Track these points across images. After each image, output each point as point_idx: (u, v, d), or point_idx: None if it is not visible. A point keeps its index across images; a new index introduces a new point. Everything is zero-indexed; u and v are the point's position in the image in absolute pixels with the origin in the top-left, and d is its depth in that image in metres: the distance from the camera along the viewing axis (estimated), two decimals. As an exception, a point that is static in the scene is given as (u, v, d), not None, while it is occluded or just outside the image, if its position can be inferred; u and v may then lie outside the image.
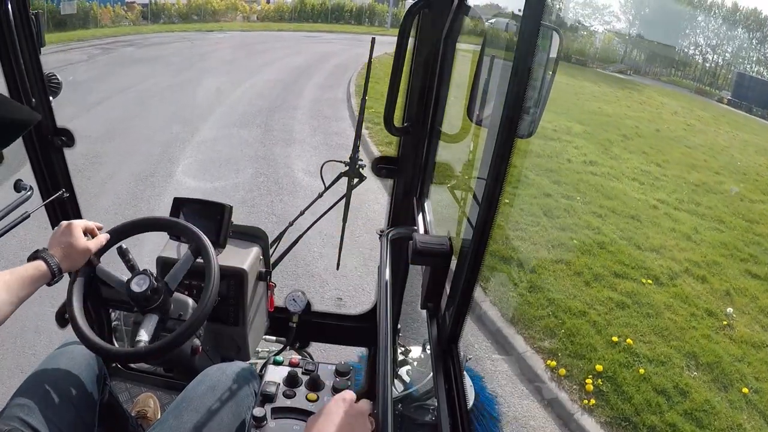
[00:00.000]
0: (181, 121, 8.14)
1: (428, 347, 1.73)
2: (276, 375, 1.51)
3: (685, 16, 26.20)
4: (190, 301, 1.51)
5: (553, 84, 0.98)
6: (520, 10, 0.78)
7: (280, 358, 1.64)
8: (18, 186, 1.67)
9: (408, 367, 2.25)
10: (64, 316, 1.83)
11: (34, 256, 1.32)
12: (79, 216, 2.01)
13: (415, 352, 2.30)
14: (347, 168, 1.88)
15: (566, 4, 28.72)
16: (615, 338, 3.71)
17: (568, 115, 11.39)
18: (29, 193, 1.69)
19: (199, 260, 1.46)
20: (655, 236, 5.79)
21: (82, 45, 16.32)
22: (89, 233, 1.44)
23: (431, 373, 1.79)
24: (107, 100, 9.28)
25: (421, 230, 1.57)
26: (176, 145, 7.03)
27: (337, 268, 2.24)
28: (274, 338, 2.15)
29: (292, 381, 1.48)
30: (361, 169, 1.85)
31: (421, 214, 1.67)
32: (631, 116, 13.30)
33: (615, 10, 30.08)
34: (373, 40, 1.69)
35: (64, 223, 1.41)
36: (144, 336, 1.34)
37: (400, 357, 2.27)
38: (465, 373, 1.44)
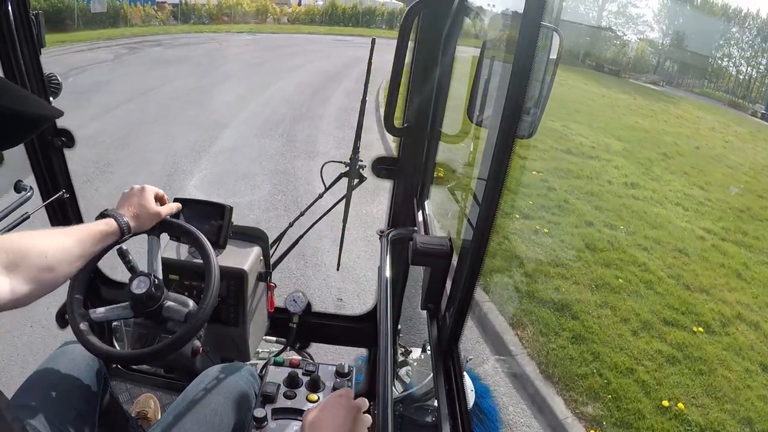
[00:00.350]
0: (201, 128, 7.84)
1: (428, 348, 1.73)
2: (276, 376, 1.51)
3: (719, 27, 25.73)
4: (191, 302, 1.51)
5: (553, 85, 0.97)
6: (520, 11, 0.78)
7: (280, 358, 1.64)
8: (18, 187, 1.68)
9: (408, 367, 2.25)
10: (64, 317, 1.83)
11: (103, 215, 1.31)
12: (79, 217, 2.01)
13: (416, 352, 2.30)
14: (347, 168, 1.88)
15: (600, 12, 28.46)
16: (665, 402, 3.32)
17: (606, 130, 11.13)
18: (29, 193, 1.69)
19: (199, 261, 1.46)
20: (703, 273, 5.31)
21: (109, 44, 16.10)
22: (159, 200, 1.44)
23: (431, 374, 1.79)
24: (128, 102, 9.00)
25: (422, 231, 1.57)
26: (192, 156, 6.66)
27: (338, 269, 2.24)
28: (274, 339, 2.15)
29: (292, 382, 1.48)
30: (361, 170, 1.85)
31: (421, 215, 1.67)
32: (669, 132, 12.95)
33: (649, 20, 29.45)
34: (373, 41, 1.69)
35: (136, 186, 1.41)
36: (93, 313, 1.36)
37: (401, 358, 2.28)
38: (465, 373, 1.44)
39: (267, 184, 5.82)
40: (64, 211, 1.94)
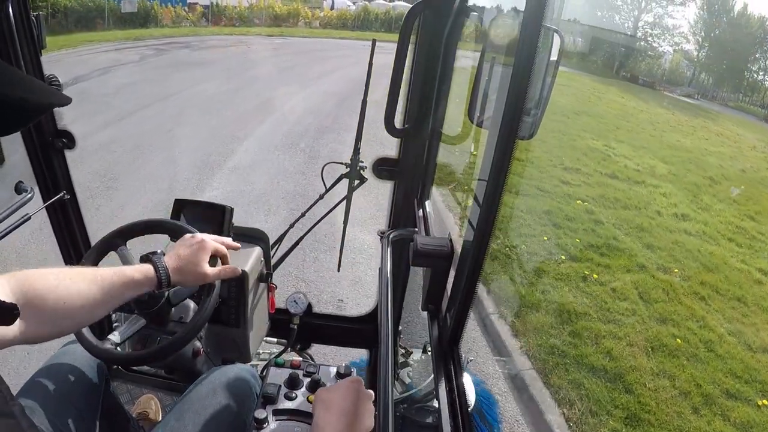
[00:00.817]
0: (218, 140, 7.35)
1: (429, 349, 1.73)
2: (277, 377, 1.51)
3: (756, 39, 25.13)
4: (192, 303, 1.51)
5: (553, 87, 0.97)
6: (521, 11, 0.78)
7: (281, 359, 1.64)
8: (19, 188, 1.68)
9: (409, 368, 2.25)
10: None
11: (146, 258, 1.23)
12: (80, 218, 2.01)
13: (416, 353, 2.30)
14: (348, 170, 1.88)
15: (636, 23, 28.02)
16: None
17: (648, 150, 10.58)
18: (30, 195, 1.69)
19: None
20: (764, 327, 4.71)
21: (137, 44, 15.92)
22: (221, 258, 1.34)
23: (432, 375, 1.79)
24: (146, 108, 8.65)
25: (422, 231, 1.57)
26: (205, 172, 6.13)
27: (338, 270, 2.24)
28: (275, 340, 2.16)
29: (293, 383, 1.48)
30: (362, 171, 1.85)
31: (422, 216, 1.67)
32: (711, 152, 12.25)
33: (685, 31, 28.53)
34: (374, 42, 1.69)
35: (198, 235, 1.31)
36: (116, 337, 1.33)
37: (401, 358, 2.27)
38: (466, 374, 1.44)
39: (283, 209, 5.24)
40: (64, 213, 1.94)
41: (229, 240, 1.38)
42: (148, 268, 1.18)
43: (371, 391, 1.06)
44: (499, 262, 4.68)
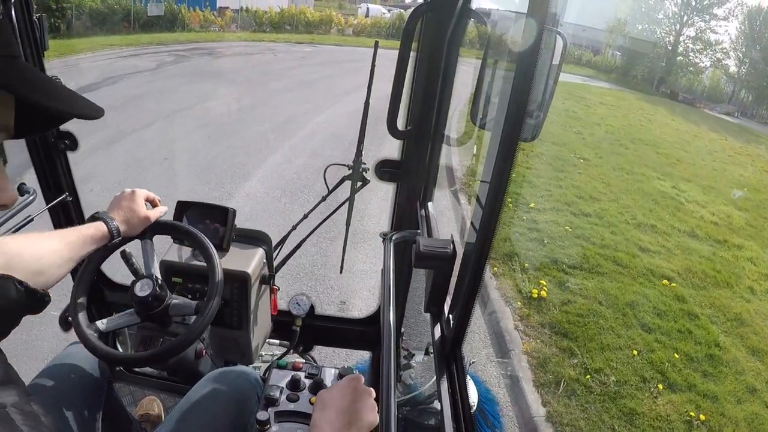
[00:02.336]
0: (214, 179, 5.94)
1: (431, 351, 1.73)
2: (279, 379, 1.51)
3: None
4: (194, 304, 1.51)
5: (556, 88, 0.97)
6: (524, 13, 0.78)
7: (283, 361, 1.64)
8: (21, 189, 1.68)
9: (411, 370, 2.25)
10: (67, 320, 1.84)
11: (93, 218, 1.34)
12: (82, 220, 2.01)
13: (419, 355, 2.30)
14: (350, 171, 1.88)
15: (677, 37, 27.42)
16: None
17: (718, 191, 9.30)
18: (32, 196, 1.69)
19: (203, 263, 1.46)
20: None
21: (158, 50, 15.20)
22: (150, 202, 1.47)
23: (434, 377, 1.79)
24: (146, 128, 7.59)
25: (425, 233, 1.57)
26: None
27: (341, 272, 2.24)
28: (277, 342, 2.15)
29: (295, 385, 1.48)
30: (364, 173, 1.85)
31: (424, 217, 1.67)
32: None
33: (726, 47, 27.54)
34: (376, 44, 1.69)
35: (127, 189, 1.44)
36: (102, 325, 1.36)
37: (404, 360, 2.27)
38: (468, 376, 1.43)
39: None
40: (67, 214, 1.95)
41: (151, 193, 1.50)
42: (100, 224, 1.31)
43: (371, 389, 1.06)
44: (577, 399, 3.31)
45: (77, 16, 15.82)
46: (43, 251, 1.15)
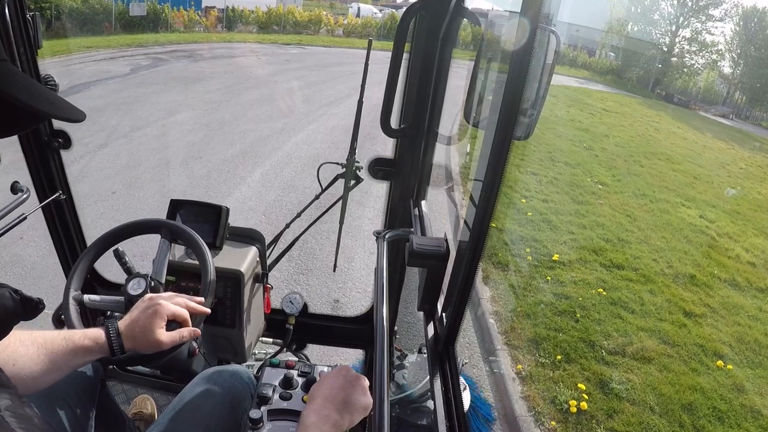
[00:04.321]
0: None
1: (425, 350, 1.73)
2: (272, 377, 1.51)
3: None
4: None
5: (549, 87, 0.97)
6: (517, 12, 0.78)
7: (276, 360, 1.64)
8: (15, 188, 1.67)
9: (404, 369, 2.25)
10: (60, 319, 1.83)
11: (104, 319, 1.18)
12: (76, 219, 2.00)
13: (411, 356, 2.30)
14: (344, 170, 1.88)
15: (673, 38, 27.11)
16: None
17: (743, 217, 8.37)
18: (26, 195, 1.68)
19: (196, 261, 1.46)
20: None
21: (136, 52, 14.21)
22: (177, 321, 1.24)
23: (428, 376, 1.79)
24: (96, 152, 6.34)
25: (418, 232, 1.57)
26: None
27: (334, 270, 2.24)
28: (270, 340, 2.15)
29: (288, 383, 1.48)
30: (357, 171, 1.85)
31: (418, 216, 1.67)
32: None
33: (721, 48, 27.23)
34: (369, 42, 1.69)
35: (156, 297, 1.23)
36: (95, 297, 1.36)
37: (397, 360, 2.28)
38: (461, 375, 1.44)
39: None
40: (60, 213, 1.94)
41: (193, 304, 1.29)
42: (99, 335, 1.13)
43: (362, 375, 1.09)
44: None
45: (57, 17, 15.11)
46: (19, 357, 1.02)
